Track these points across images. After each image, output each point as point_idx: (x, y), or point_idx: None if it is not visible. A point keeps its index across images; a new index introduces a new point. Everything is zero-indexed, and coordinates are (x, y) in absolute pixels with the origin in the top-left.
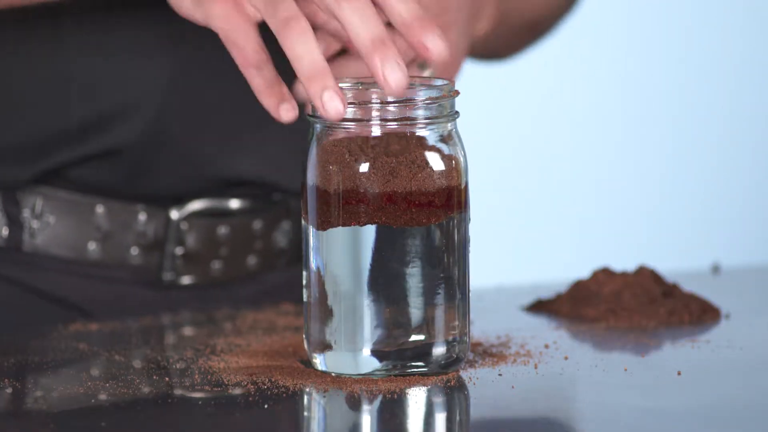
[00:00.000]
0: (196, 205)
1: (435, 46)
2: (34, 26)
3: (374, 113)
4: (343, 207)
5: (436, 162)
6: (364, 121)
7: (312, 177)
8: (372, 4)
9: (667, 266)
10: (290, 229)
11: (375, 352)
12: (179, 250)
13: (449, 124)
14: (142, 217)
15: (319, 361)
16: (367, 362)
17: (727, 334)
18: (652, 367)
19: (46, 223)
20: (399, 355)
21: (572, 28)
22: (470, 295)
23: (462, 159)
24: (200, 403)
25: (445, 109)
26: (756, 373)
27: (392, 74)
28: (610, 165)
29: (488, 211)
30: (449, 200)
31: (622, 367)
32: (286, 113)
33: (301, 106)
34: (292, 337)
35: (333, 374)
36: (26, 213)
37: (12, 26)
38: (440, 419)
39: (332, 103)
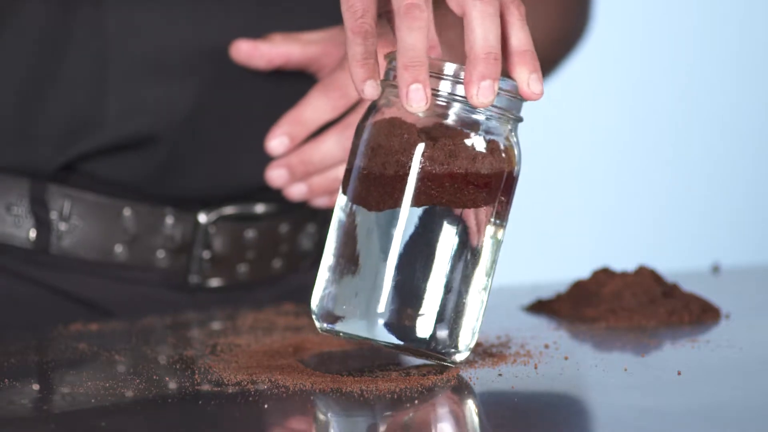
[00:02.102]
0: (227, 210)
1: (535, 87)
2: (77, 7)
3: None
4: (399, 189)
5: (493, 148)
6: (439, 92)
7: (366, 156)
8: (499, 15)
9: (667, 266)
10: (315, 231)
11: (387, 325)
12: (206, 254)
13: (509, 124)
14: (169, 220)
15: (327, 324)
16: (380, 331)
17: (727, 334)
18: (652, 367)
19: (73, 225)
20: (407, 333)
21: None
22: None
23: (517, 153)
24: (200, 402)
25: (513, 107)
26: (756, 373)
27: (484, 93)
28: (611, 165)
29: None
30: (502, 185)
31: (622, 367)
32: (370, 89)
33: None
34: (292, 337)
35: (341, 335)
36: (54, 215)
37: (54, 6)
38: (440, 419)
39: (417, 95)
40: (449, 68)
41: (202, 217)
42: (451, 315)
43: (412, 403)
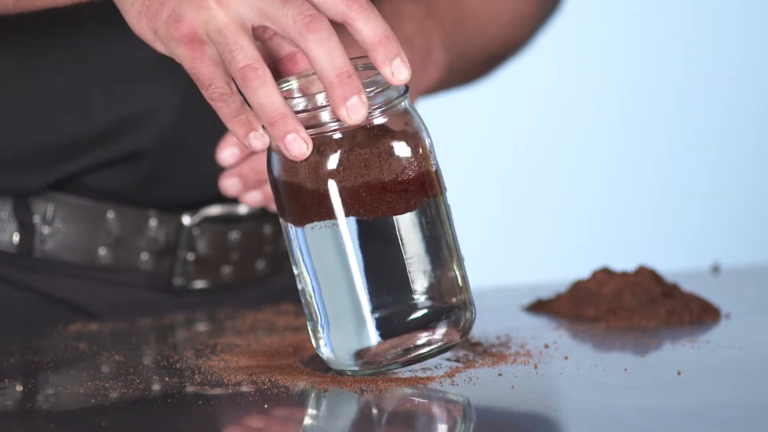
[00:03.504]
0: (210, 211)
1: (398, 72)
2: (53, 34)
3: (328, 115)
4: (319, 203)
5: (402, 148)
6: (321, 125)
7: (283, 175)
8: (335, 33)
9: (667, 266)
10: None
11: (380, 334)
12: (190, 256)
13: (403, 103)
14: (153, 222)
15: (327, 355)
16: (375, 347)
17: (727, 334)
18: (652, 367)
19: (56, 228)
20: (404, 332)
21: (573, 27)
22: (464, 262)
23: (425, 136)
24: (200, 402)
25: (393, 92)
26: (756, 373)
27: (354, 111)
28: (611, 165)
29: (489, 211)
30: (423, 183)
31: (622, 367)
32: (255, 141)
33: None
34: (292, 337)
35: (349, 373)
36: (37, 219)
37: (30, 34)
38: (440, 419)
39: (295, 145)
40: (316, 99)
41: (186, 219)
42: (447, 304)
43: (412, 403)
